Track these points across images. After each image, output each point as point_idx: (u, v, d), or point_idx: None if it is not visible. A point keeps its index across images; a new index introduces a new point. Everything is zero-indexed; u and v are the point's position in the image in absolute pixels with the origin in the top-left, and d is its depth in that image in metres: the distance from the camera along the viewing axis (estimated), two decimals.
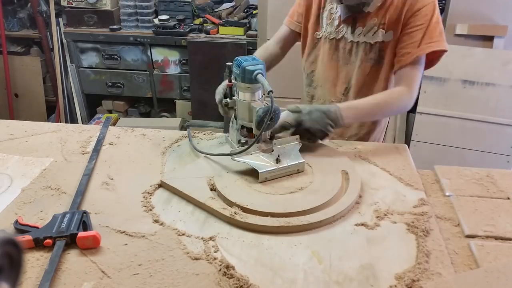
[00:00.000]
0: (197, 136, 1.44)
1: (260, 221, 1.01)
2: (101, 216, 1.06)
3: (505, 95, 2.57)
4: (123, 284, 0.87)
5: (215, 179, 1.16)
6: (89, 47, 3.23)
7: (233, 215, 1.03)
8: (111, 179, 1.21)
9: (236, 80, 1.17)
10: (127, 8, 3.13)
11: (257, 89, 1.16)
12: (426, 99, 2.69)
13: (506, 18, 2.62)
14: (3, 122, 1.54)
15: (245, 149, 1.16)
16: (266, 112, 1.08)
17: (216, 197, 1.11)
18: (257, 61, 1.14)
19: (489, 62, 2.57)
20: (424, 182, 1.22)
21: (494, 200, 1.13)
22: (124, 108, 3.53)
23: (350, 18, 1.42)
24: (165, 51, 3.15)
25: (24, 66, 3.49)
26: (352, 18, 1.41)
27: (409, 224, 1.03)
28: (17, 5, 3.42)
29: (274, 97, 1.08)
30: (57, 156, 1.32)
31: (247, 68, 1.12)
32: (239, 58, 1.15)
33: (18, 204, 1.10)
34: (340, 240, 0.99)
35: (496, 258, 0.93)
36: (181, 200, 1.12)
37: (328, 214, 1.04)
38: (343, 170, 1.21)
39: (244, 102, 1.17)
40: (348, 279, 0.88)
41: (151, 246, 0.96)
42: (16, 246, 0.56)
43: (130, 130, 1.49)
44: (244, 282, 0.86)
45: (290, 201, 1.09)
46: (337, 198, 1.10)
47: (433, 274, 0.89)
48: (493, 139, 2.63)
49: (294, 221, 1.02)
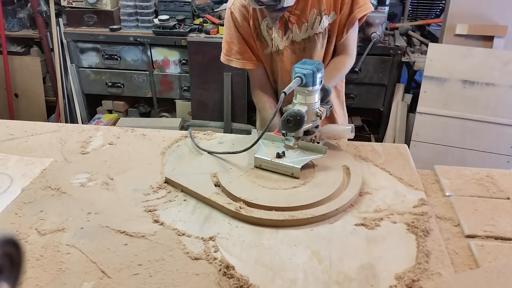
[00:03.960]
0: (197, 136, 1.44)
1: (265, 215, 1.03)
2: (101, 216, 1.06)
3: (505, 95, 2.57)
4: (123, 284, 0.87)
5: (219, 175, 1.18)
6: (89, 47, 3.22)
7: (238, 209, 1.05)
8: (111, 179, 1.21)
9: None
10: (127, 8, 3.12)
11: (305, 93, 1.18)
12: (426, 99, 2.69)
13: (506, 18, 2.62)
14: (3, 122, 1.54)
15: (249, 147, 1.19)
16: (289, 114, 1.13)
17: (221, 193, 1.12)
18: (309, 65, 1.16)
19: (489, 62, 2.57)
20: (424, 182, 1.22)
21: (494, 200, 1.13)
22: (124, 108, 3.53)
23: (281, 21, 1.47)
24: (165, 51, 3.15)
25: (24, 66, 3.49)
26: (283, 21, 1.47)
27: (409, 224, 1.03)
28: (17, 5, 3.42)
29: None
30: (57, 156, 1.32)
31: (295, 69, 1.17)
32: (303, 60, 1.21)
33: (18, 204, 1.10)
34: (340, 240, 0.99)
35: (496, 258, 0.93)
36: (181, 200, 1.13)
37: (331, 207, 1.06)
38: (344, 165, 1.22)
39: (294, 103, 1.22)
40: (348, 279, 0.88)
41: (151, 246, 0.96)
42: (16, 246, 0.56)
43: (130, 130, 1.49)
44: (244, 282, 0.86)
45: (293, 195, 1.10)
46: (339, 192, 1.12)
47: (433, 274, 0.89)
48: (493, 139, 2.63)
49: (298, 214, 1.03)
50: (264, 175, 1.19)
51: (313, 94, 1.18)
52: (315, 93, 1.19)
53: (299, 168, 1.17)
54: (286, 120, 1.13)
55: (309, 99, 1.19)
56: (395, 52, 2.89)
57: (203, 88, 3.13)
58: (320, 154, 1.21)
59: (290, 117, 1.13)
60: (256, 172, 1.20)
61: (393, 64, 2.93)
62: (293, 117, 1.13)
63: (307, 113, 1.18)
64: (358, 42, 2.86)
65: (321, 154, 1.21)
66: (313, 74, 1.14)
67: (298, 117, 1.13)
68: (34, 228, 1.02)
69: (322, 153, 1.21)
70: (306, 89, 1.17)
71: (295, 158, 1.20)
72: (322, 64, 1.18)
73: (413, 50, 2.99)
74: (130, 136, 1.46)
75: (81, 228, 1.02)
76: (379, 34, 2.80)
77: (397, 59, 2.91)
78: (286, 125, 1.14)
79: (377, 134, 3.23)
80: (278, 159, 1.20)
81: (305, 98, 1.18)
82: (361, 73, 2.97)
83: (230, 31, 1.54)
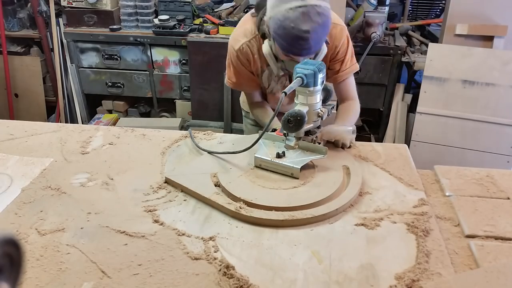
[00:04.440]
0: (197, 136, 1.44)
1: (265, 215, 1.03)
2: (101, 216, 1.06)
3: (505, 95, 2.56)
4: (123, 284, 0.87)
5: (219, 175, 1.18)
6: (89, 47, 3.22)
7: (238, 209, 1.05)
8: (111, 179, 1.21)
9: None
10: (127, 8, 3.12)
11: (306, 93, 1.18)
12: (426, 99, 2.69)
13: (506, 18, 2.61)
14: (3, 122, 1.54)
15: (249, 147, 1.19)
16: (290, 114, 1.13)
17: (221, 193, 1.12)
18: (311, 66, 1.15)
19: (489, 62, 2.57)
20: (424, 182, 1.22)
21: (494, 200, 1.13)
22: (124, 108, 3.52)
23: (286, 74, 1.48)
24: (165, 51, 3.14)
25: (24, 66, 3.48)
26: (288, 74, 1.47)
27: (409, 224, 1.03)
28: (17, 5, 3.41)
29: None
30: (57, 156, 1.32)
31: (296, 69, 1.16)
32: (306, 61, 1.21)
33: (18, 204, 1.10)
34: (340, 240, 0.99)
35: (496, 258, 0.93)
36: (181, 200, 1.13)
37: (331, 207, 1.06)
38: (344, 165, 1.22)
39: (296, 103, 1.21)
40: (348, 279, 0.88)
41: (151, 246, 0.96)
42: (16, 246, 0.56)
43: (130, 130, 1.49)
44: (244, 282, 0.86)
45: (293, 195, 1.10)
46: (339, 192, 1.12)
47: (433, 274, 0.89)
48: (493, 139, 2.63)
49: (298, 214, 1.03)
50: (264, 175, 1.19)
51: (314, 94, 1.18)
52: (317, 94, 1.19)
53: (299, 168, 1.17)
54: (287, 120, 1.13)
55: (311, 100, 1.19)
56: (395, 52, 2.89)
57: (203, 88, 3.12)
58: (320, 154, 1.21)
59: (290, 117, 1.13)
60: (256, 172, 1.20)
61: (393, 64, 2.93)
62: (293, 117, 1.13)
63: (308, 113, 1.18)
64: (359, 42, 2.89)
65: (321, 155, 1.21)
66: (315, 74, 1.14)
67: (299, 117, 1.13)
68: (34, 228, 1.02)
69: (322, 154, 1.21)
70: (307, 89, 1.16)
71: (295, 158, 1.20)
72: (324, 65, 1.18)
73: (413, 50, 2.99)
74: (130, 136, 1.46)
75: (81, 228, 1.02)
76: (379, 34, 2.80)
77: (397, 59, 2.91)
78: (287, 125, 1.14)
79: (377, 134, 3.23)
80: (278, 159, 1.20)
81: (306, 98, 1.18)
82: (361, 73, 2.97)
83: (236, 67, 1.51)
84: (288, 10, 1.16)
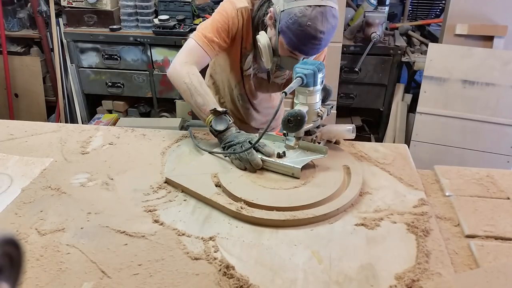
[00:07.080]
0: (197, 136, 1.44)
1: (266, 215, 1.03)
2: (101, 216, 1.06)
3: (505, 95, 2.56)
4: (123, 284, 0.87)
5: (220, 175, 1.18)
6: (89, 47, 3.22)
7: (239, 209, 1.04)
8: (111, 179, 1.21)
9: None
10: (127, 8, 3.12)
11: (306, 93, 1.18)
12: (426, 99, 2.69)
13: (506, 18, 2.62)
14: (3, 122, 1.54)
15: (249, 147, 1.20)
16: (290, 114, 1.13)
17: (221, 193, 1.12)
18: (310, 65, 1.15)
19: (489, 62, 2.57)
20: (424, 182, 1.22)
21: (494, 200, 1.13)
22: (124, 108, 3.52)
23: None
24: (165, 51, 3.14)
25: (24, 66, 3.48)
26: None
27: (409, 224, 1.03)
28: (17, 5, 3.41)
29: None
30: (57, 156, 1.32)
31: (296, 69, 1.16)
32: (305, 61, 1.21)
33: (18, 204, 1.10)
34: (340, 240, 0.99)
35: (496, 258, 0.93)
36: (181, 200, 1.13)
37: (332, 207, 1.06)
38: (345, 165, 1.22)
39: (296, 103, 1.22)
40: (348, 279, 0.88)
41: (151, 246, 0.96)
42: (16, 246, 0.56)
43: (130, 130, 1.49)
44: (244, 282, 0.86)
45: (294, 195, 1.10)
46: (340, 192, 1.12)
47: (433, 274, 0.89)
48: (493, 139, 2.63)
49: (299, 214, 1.03)
50: (265, 175, 1.19)
51: (314, 94, 1.18)
52: (316, 93, 1.19)
53: (300, 168, 1.17)
54: (287, 120, 1.13)
55: (310, 99, 1.19)
56: (395, 52, 2.89)
57: None
58: (321, 154, 1.21)
59: (291, 117, 1.13)
60: (256, 172, 1.20)
61: (393, 64, 2.94)
62: (294, 117, 1.13)
63: (308, 113, 1.18)
64: (359, 42, 2.89)
65: (321, 154, 1.21)
66: (314, 74, 1.14)
67: (299, 117, 1.13)
68: (34, 228, 1.02)
69: (323, 153, 1.21)
70: (307, 89, 1.16)
71: (296, 158, 1.20)
72: (323, 64, 1.18)
73: (413, 50, 2.99)
74: (130, 136, 1.46)
75: (81, 228, 1.02)
76: (379, 34, 2.80)
77: (397, 59, 2.92)
78: (287, 125, 1.14)
79: (377, 134, 3.23)
80: (278, 159, 1.20)
81: (306, 98, 1.18)
82: (361, 73, 2.97)
83: (221, 26, 1.37)
84: (307, 7, 1.16)
